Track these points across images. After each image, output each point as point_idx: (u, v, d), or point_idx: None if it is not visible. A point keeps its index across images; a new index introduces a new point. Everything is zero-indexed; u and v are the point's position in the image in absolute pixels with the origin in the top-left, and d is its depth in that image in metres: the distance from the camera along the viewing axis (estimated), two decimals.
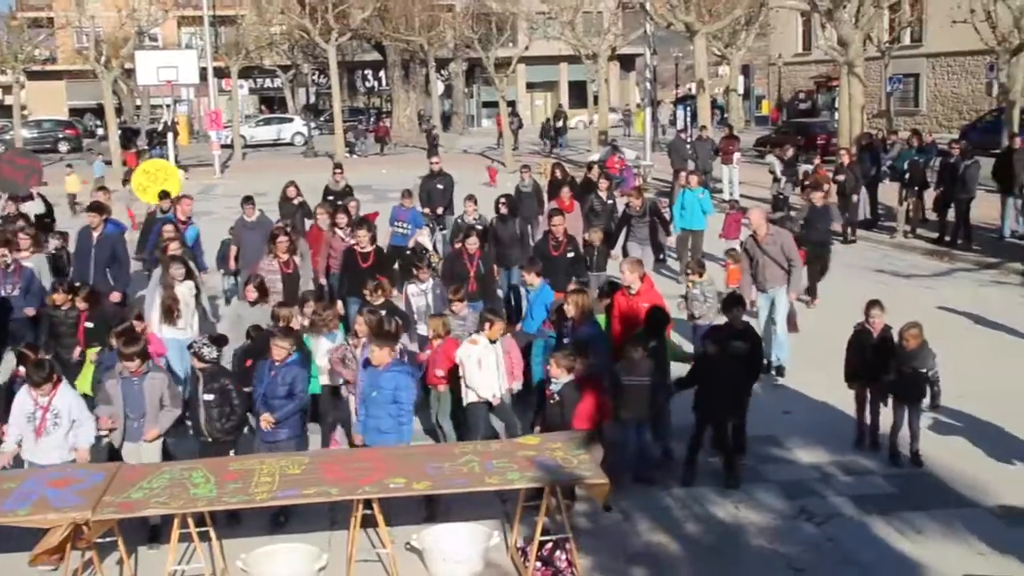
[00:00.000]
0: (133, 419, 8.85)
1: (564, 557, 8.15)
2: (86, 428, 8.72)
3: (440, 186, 20.17)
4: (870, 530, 8.83)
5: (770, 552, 8.53)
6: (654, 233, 16.68)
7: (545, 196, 19.64)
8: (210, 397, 8.97)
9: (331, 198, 18.34)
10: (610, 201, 17.53)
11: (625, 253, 15.99)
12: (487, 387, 9.94)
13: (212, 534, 8.10)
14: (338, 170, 19.92)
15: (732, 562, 8.39)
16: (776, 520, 9.07)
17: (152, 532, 8.73)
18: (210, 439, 9.04)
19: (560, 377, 9.17)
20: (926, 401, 10.24)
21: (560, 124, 51.13)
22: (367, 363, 9.18)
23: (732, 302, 10.37)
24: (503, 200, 16.07)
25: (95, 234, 13.93)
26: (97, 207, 14.25)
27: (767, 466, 10.11)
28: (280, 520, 9.04)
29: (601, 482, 7.97)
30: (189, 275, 12.42)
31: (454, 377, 10.24)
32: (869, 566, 8.24)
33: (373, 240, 13.86)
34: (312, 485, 7.86)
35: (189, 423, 9.24)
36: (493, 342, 10.02)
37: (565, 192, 16.80)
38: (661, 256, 18.56)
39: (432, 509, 9.00)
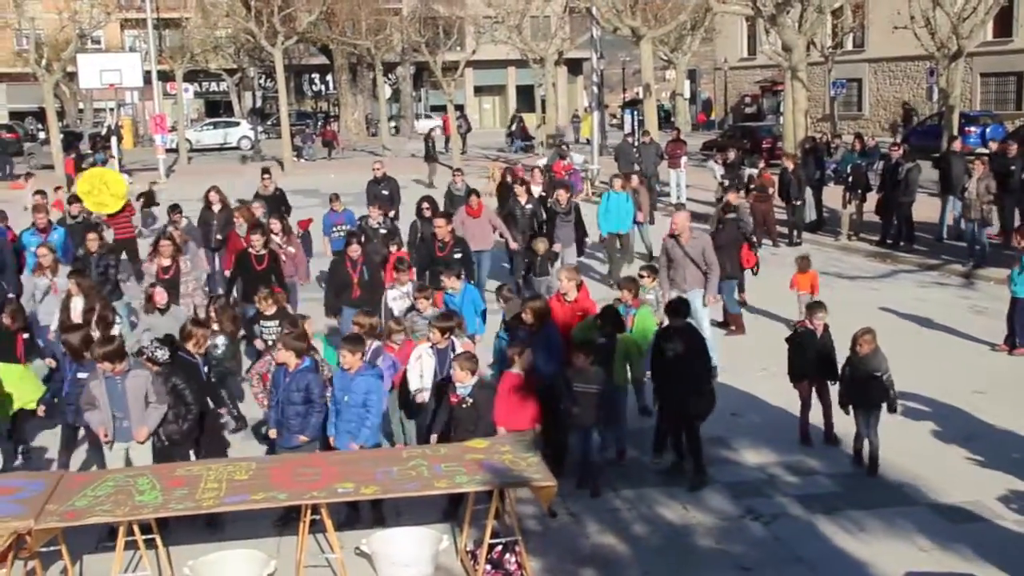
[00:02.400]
0: (121, 418, 8.73)
1: (514, 560, 8.17)
2: None
3: (385, 191, 20.08)
4: (816, 529, 8.93)
5: (718, 552, 8.60)
6: (577, 234, 16.78)
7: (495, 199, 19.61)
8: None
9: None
10: (529, 206, 17.34)
11: None
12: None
13: (158, 541, 8.01)
14: (267, 175, 19.38)
15: (681, 562, 8.45)
16: (724, 520, 9.14)
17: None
18: (167, 442, 8.92)
19: (466, 381, 9.12)
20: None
21: (513, 128, 51.24)
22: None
23: (674, 306, 10.44)
24: (426, 204, 15.93)
25: None
26: None
27: (715, 467, 10.17)
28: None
29: (549, 484, 7.99)
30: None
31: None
32: (815, 564, 8.33)
33: (267, 244, 13.84)
34: (260, 491, 7.80)
35: None
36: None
37: (473, 199, 16.67)
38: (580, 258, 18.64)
39: (379, 514, 8.99)
